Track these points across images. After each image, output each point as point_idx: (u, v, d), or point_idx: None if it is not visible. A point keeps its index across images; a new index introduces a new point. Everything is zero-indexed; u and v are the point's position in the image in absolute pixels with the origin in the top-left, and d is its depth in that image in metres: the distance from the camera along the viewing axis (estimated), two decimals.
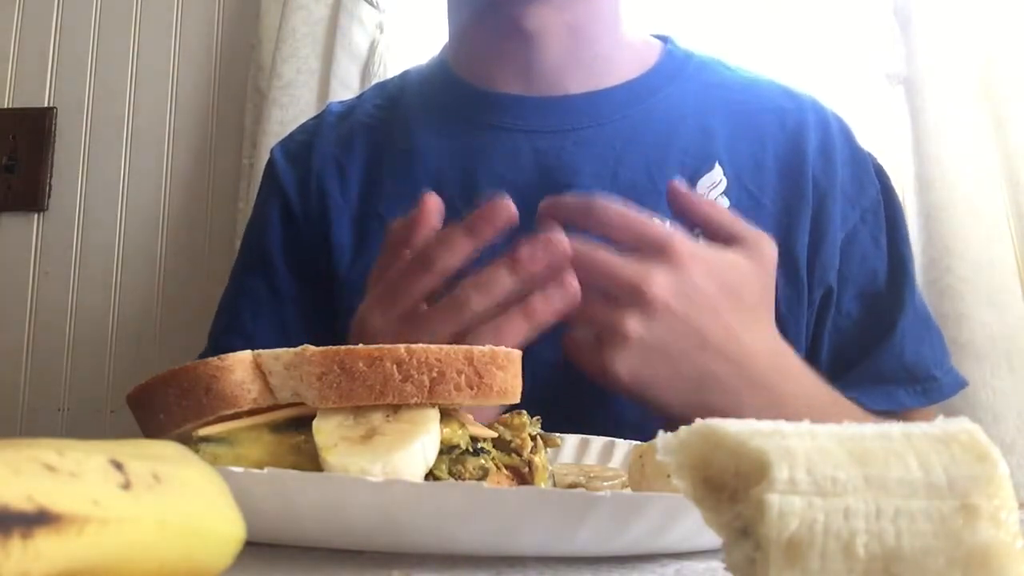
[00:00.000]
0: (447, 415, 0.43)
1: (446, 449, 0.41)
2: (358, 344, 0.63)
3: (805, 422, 0.26)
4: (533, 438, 0.46)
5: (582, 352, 0.63)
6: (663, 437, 0.27)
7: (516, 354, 0.44)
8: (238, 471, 0.34)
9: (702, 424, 0.27)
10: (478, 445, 0.43)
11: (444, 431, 0.41)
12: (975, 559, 0.24)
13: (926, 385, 0.80)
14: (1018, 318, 1.12)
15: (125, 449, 0.26)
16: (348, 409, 0.41)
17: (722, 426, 0.26)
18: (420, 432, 0.40)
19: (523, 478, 0.44)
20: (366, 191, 0.85)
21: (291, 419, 0.42)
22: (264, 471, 0.35)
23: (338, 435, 0.40)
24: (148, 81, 1.50)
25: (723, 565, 0.26)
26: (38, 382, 1.46)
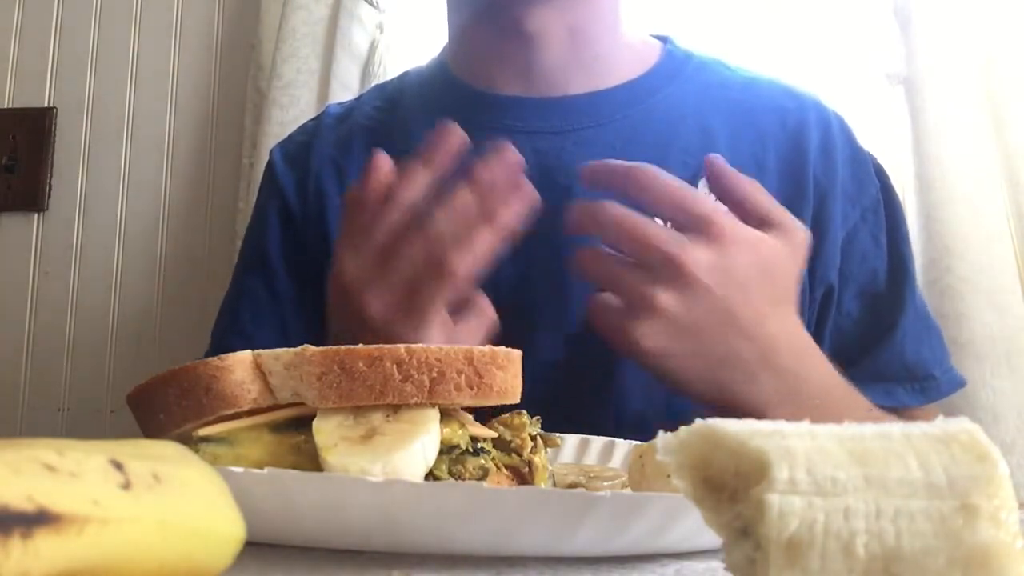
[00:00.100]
0: (447, 415, 0.43)
1: (446, 449, 0.41)
2: (338, 303, 0.63)
3: (805, 422, 0.26)
4: (533, 438, 0.46)
5: (607, 317, 0.62)
6: (663, 437, 0.27)
7: (516, 354, 0.44)
8: (238, 471, 0.34)
9: (702, 424, 0.27)
10: (478, 445, 0.43)
11: (444, 431, 0.41)
12: (975, 559, 0.24)
13: (925, 384, 0.80)
14: (1018, 318, 1.12)
15: (125, 449, 0.26)
16: (348, 409, 0.41)
17: (722, 426, 0.26)
18: (420, 432, 0.40)
19: (523, 478, 0.44)
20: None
21: (291, 419, 0.42)
22: (264, 471, 0.35)
23: (338, 435, 0.40)
24: (148, 81, 1.50)
25: (723, 565, 0.26)
26: (38, 382, 1.46)
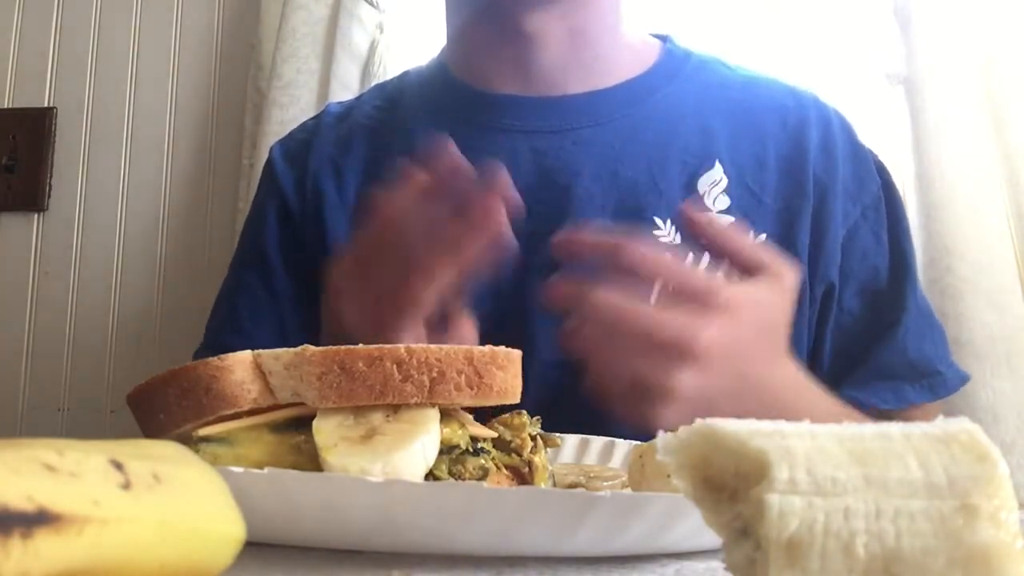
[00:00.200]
0: (447, 415, 0.43)
1: (446, 449, 0.41)
2: (332, 298, 0.64)
3: (805, 422, 0.26)
4: (533, 438, 0.46)
5: (613, 399, 0.61)
6: (663, 437, 0.27)
7: (516, 354, 0.44)
8: (238, 471, 0.34)
9: (702, 424, 0.27)
10: (478, 445, 0.43)
11: (444, 431, 0.41)
12: (975, 559, 0.24)
13: (931, 380, 0.80)
14: (1018, 318, 1.12)
15: (125, 449, 0.26)
16: (348, 409, 0.41)
17: (722, 426, 0.26)
18: (420, 432, 0.40)
19: (523, 478, 0.44)
20: (364, 192, 0.85)
21: (291, 419, 0.42)
22: (264, 471, 0.35)
23: (338, 435, 0.40)
24: (148, 81, 1.50)
25: (723, 565, 0.26)
26: (38, 382, 1.46)
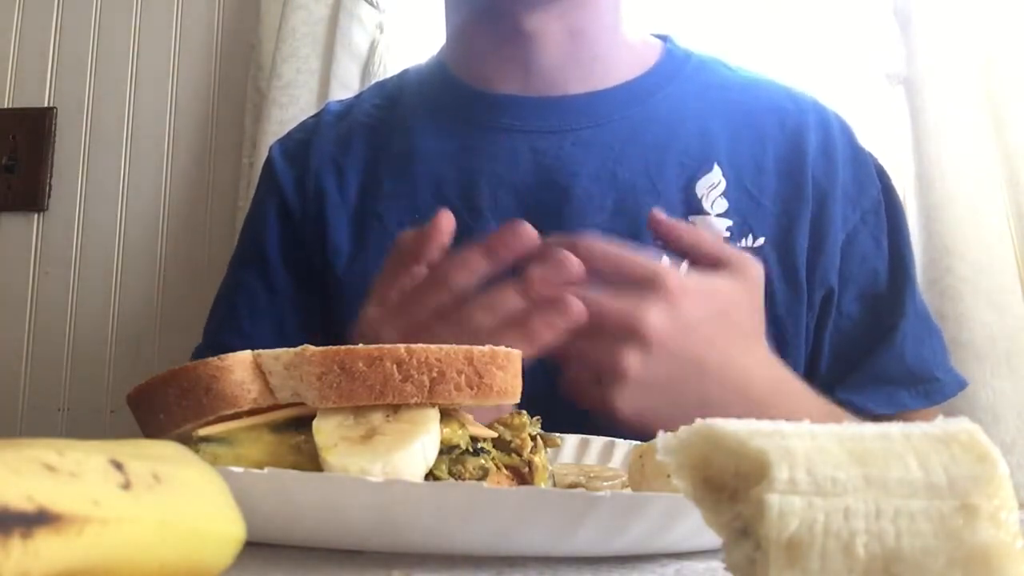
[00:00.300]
0: (447, 415, 0.43)
1: (446, 449, 0.41)
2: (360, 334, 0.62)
3: (805, 422, 0.26)
4: (533, 438, 0.46)
5: (582, 391, 0.63)
6: (663, 437, 0.27)
7: (516, 354, 0.44)
8: (238, 471, 0.34)
9: (702, 424, 0.27)
10: (478, 445, 0.43)
11: (444, 431, 0.41)
12: (975, 559, 0.24)
13: (928, 386, 0.80)
14: (1018, 318, 1.12)
15: (125, 449, 0.26)
16: (348, 409, 0.41)
17: (722, 426, 0.26)
18: (420, 432, 0.40)
19: (523, 478, 0.44)
20: (364, 191, 0.85)
21: (291, 419, 0.42)
22: (264, 471, 0.35)
23: (338, 435, 0.40)
24: (148, 81, 1.50)
25: (723, 565, 0.26)
26: (38, 382, 1.46)
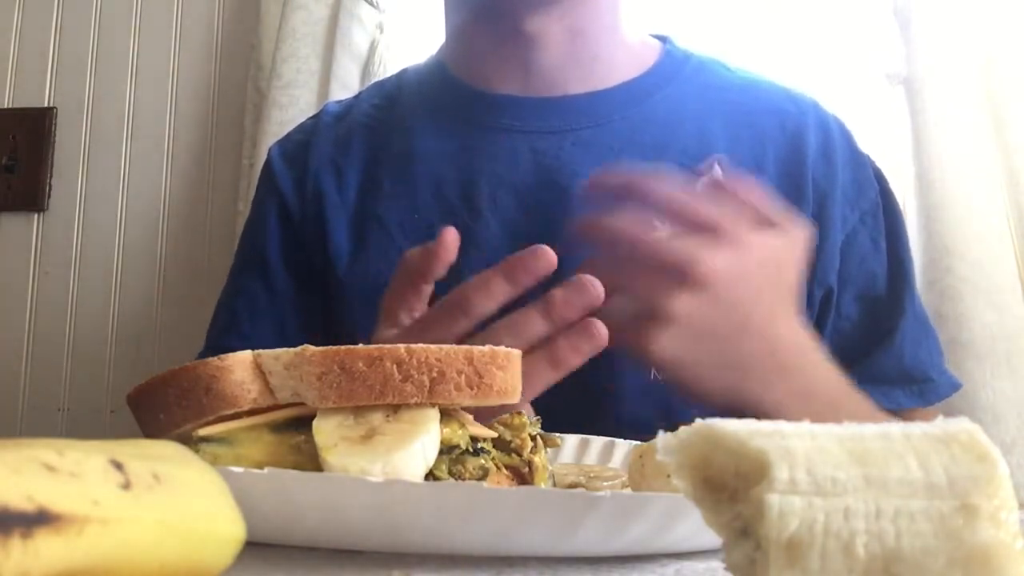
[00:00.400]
0: (447, 415, 0.43)
1: (446, 449, 0.41)
2: None
3: (805, 422, 0.26)
4: (533, 438, 0.46)
5: (618, 326, 0.61)
6: (663, 437, 0.27)
7: (516, 354, 0.44)
8: (238, 471, 0.34)
9: (702, 424, 0.27)
10: (478, 445, 0.43)
11: (444, 431, 0.41)
12: (975, 559, 0.24)
13: (924, 386, 0.80)
14: (1018, 318, 1.12)
15: (125, 449, 0.26)
16: (348, 409, 0.41)
17: (722, 426, 0.26)
18: (420, 432, 0.40)
19: (523, 478, 0.44)
20: (364, 192, 0.84)
21: (291, 419, 0.42)
22: (264, 471, 0.35)
23: (338, 435, 0.40)
24: (148, 81, 1.50)
25: (723, 565, 0.26)
26: (38, 382, 1.46)
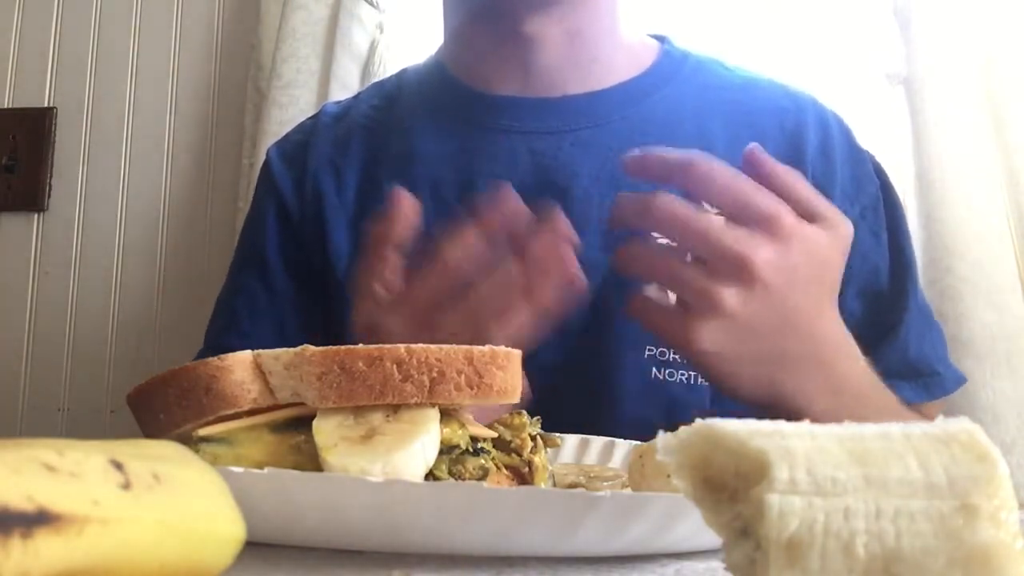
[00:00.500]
0: (447, 415, 0.43)
1: (446, 449, 0.41)
2: (363, 340, 0.62)
3: (805, 422, 0.26)
4: (533, 438, 0.46)
5: (656, 315, 0.61)
6: (663, 437, 0.27)
7: (516, 354, 0.44)
8: (238, 471, 0.34)
9: (702, 424, 0.27)
10: (478, 445, 0.43)
11: (444, 431, 0.41)
12: (975, 559, 0.24)
13: (929, 380, 0.80)
14: (1018, 318, 1.12)
15: (125, 449, 0.26)
16: (348, 409, 0.41)
17: (722, 426, 0.26)
18: (420, 432, 0.40)
19: (523, 478, 0.44)
20: (363, 192, 0.85)
21: (291, 419, 0.42)
22: (264, 471, 0.35)
23: (338, 435, 0.40)
24: (148, 81, 1.50)
25: (723, 565, 0.26)
26: (38, 382, 1.46)
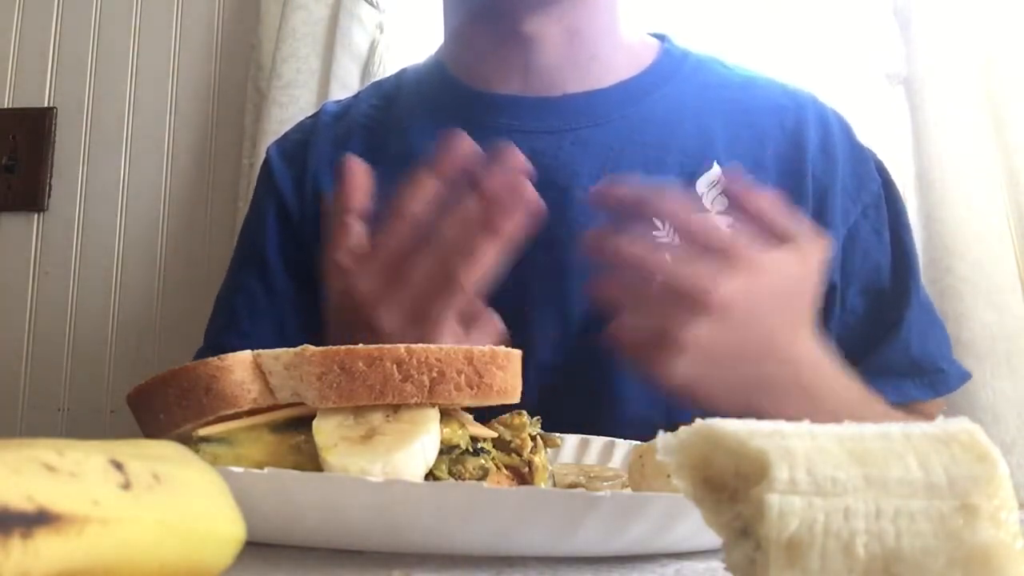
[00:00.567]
0: (447, 415, 0.43)
1: (446, 449, 0.41)
2: (338, 319, 0.62)
3: (805, 422, 0.26)
4: (533, 438, 0.46)
5: (631, 344, 0.61)
6: (663, 437, 0.27)
7: (516, 354, 0.44)
8: (238, 471, 0.34)
9: (702, 424, 0.27)
10: (478, 445, 0.43)
11: (444, 431, 0.41)
12: (975, 559, 0.24)
13: (933, 377, 0.80)
14: (1018, 318, 1.12)
15: (125, 449, 0.26)
16: (348, 409, 0.41)
17: (722, 426, 0.26)
18: (420, 432, 0.40)
19: (523, 478, 0.44)
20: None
21: (291, 419, 0.42)
22: (264, 471, 0.35)
23: (338, 435, 0.40)
24: (148, 81, 1.50)
25: (723, 565, 0.26)
26: (38, 382, 1.46)
